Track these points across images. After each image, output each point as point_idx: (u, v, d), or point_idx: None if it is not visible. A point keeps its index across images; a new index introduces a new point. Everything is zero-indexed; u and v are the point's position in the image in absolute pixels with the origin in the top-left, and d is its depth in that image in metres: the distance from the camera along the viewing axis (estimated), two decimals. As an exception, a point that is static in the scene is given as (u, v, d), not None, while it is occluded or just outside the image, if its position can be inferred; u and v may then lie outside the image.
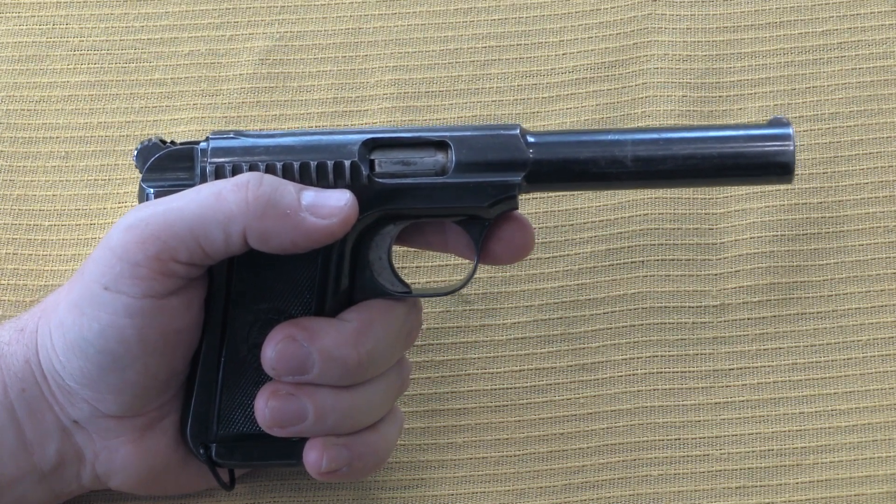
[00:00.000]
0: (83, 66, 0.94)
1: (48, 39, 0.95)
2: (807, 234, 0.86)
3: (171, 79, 0.93)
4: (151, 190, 0.73)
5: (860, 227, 0.86)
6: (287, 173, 0.71)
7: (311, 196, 0.70)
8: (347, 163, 0.71)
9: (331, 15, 0.95)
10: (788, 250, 0.85)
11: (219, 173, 0.71)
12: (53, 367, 0.72)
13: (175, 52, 0.94)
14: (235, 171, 0.71)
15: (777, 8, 0.93)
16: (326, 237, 0.70)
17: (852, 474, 0.79)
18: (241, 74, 0.93)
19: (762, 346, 0.82)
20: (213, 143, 0.72)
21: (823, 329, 0.83)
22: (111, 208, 0.89)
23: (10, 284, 0.86)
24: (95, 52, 0.95)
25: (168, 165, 0.73)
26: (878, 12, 0.92)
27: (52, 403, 0.73)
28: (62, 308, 0.71)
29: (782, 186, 0.87)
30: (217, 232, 0.69)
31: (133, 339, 0.70)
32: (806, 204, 0.87)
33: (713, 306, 0.84)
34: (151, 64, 0.94)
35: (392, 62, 0.93)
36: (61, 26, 0.96)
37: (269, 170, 0.71)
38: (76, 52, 0.95)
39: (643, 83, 0.91)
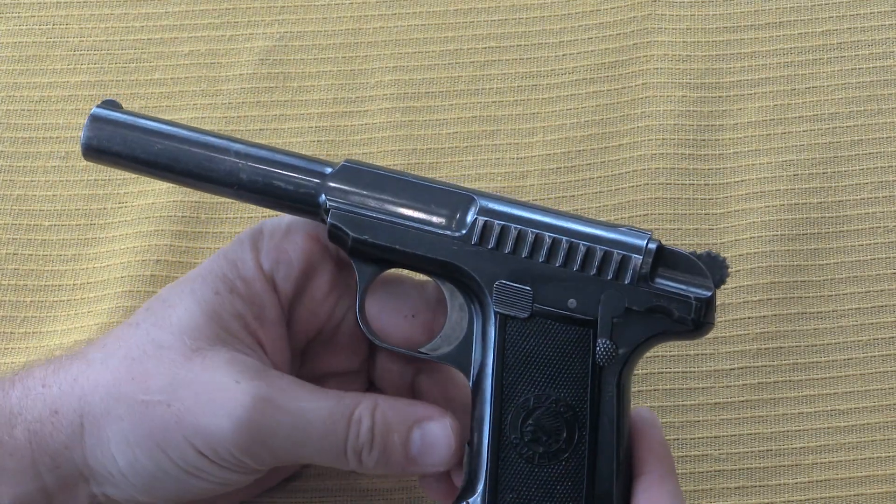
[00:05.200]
0: (83, 66, 0.94)
1: (48, 39, 0.95)
2: (807, 234, 0.86)
3: (171, 79, 0.93)
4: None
5: (860, 227, 0.86)
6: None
7: (418, 447, 0.69)
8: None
9: (331, 15, 0.95)
10: (788, 250, 0.85)
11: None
12: (107, 470, 0.70)
13: (175, 52, 0.94)
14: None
15: (777, 8, 0.93)
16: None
17: (852, 474, 0.79)
18: (241, 74, 0.93)
19: (762, 346, 0.82)
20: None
21: (823, 329, 0.83)
22: (111, 208, 0.89)
23: (10, 284, 0.86)
24: (95, 52, 0.95)
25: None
26: (878, 12, 0.92)
27: (90, 480, 0.71)
28: (129, 430, 0.69)
29: (783, 186, 0.87)
30: (324, 462, 0.70)
31: (220, 489, 0.70)
32: (806, 204, 0.87)
33: (713, 306, 0.84)
34: (151, 64, 0.94)
35: (392, 62, 0.93)
36: (61, 26, 0.96)
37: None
38: (76, 52, 0.95)
39: (643, 83, 0.91)
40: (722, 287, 0.69)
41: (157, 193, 0.88)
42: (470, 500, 0.68)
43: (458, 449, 0.69)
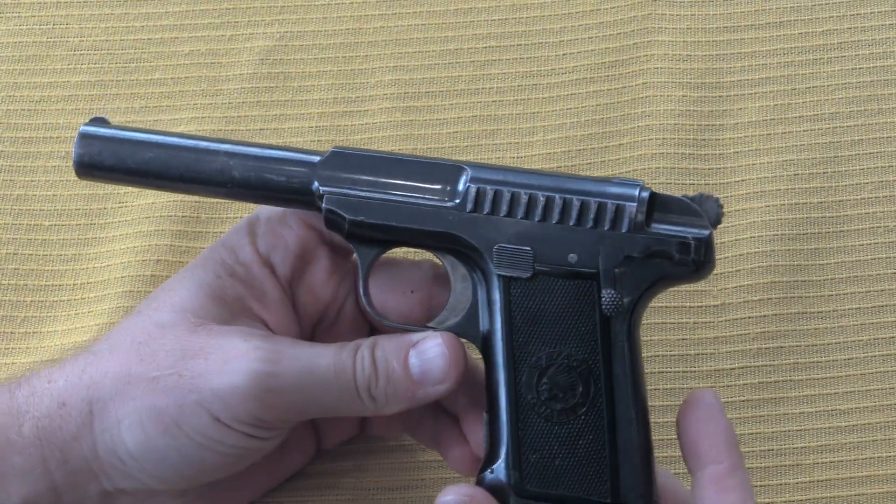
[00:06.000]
0: (83, 66, 0.94)
1: (48, 39, 0.95)
2: (807, 233, 0.86)
3: (171, 79, 0.93)
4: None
5: (860, 227, 0.86)
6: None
7: (417, 368, 0.69)
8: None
9: (331, 15, 0.95)
10: (789, 249, 0.85)
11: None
12: (117, 456, 0.70)
13: (175, 52, 0.94)
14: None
15: (777, 8, 0.93)
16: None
17: (852, 474, 0.79)
18: (241, 74, 0.93)
19: (763, 346, 0.82)
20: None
21: (824, 329, 0.83)
22: (111, 208, 0.89)
23: (10, 284, 0.86)
24: (95, 52, 0.95)
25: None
26: (878, 12, 0.92)
27: (100, 475, 0.71)
28: (141, 408, 0.69)
29: (783, 186, 0.87)
30: (339, 411, 0.71)
31: (233, 464, 0.70)
32: (806, 204, 0.87)
33: (714, 305, 0.84)
34: (151, 64, 0.94)
35: (392, 62, 0.93)
36: (61, 26, 0.96)
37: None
38: (76, 52, 0.95)
39: (643, 83, 0.91)
40: (718, 227, 0.69)
41: (157, 193, 0.88)
42: (494, 467, 0.68)
43: (456, 362, 0.69)
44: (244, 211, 0.88)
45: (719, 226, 0.69)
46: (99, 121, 0.73)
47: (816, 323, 0.83)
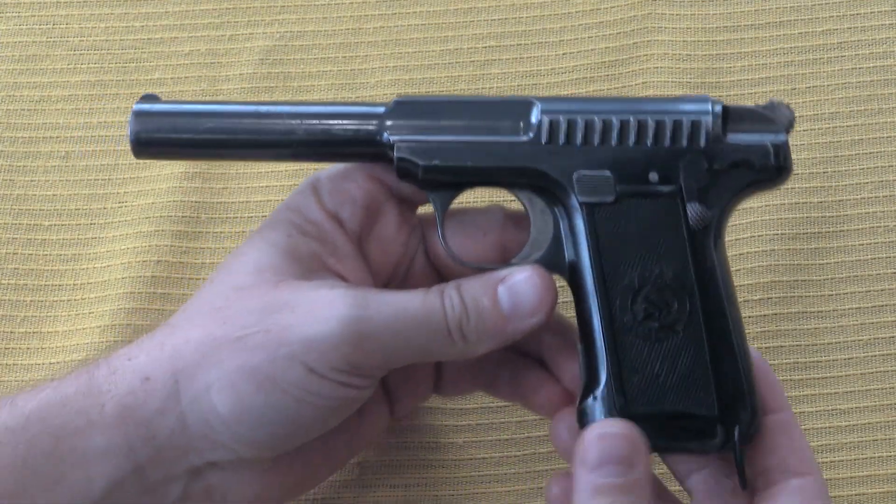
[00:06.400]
0: (83, 66, 0.94)
1: (48, 39, 0.95)
2: (807, 233, 0.86)
3: (171, 79, 0.93)
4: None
5: (860, 227, 0.86)
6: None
7: (508, 302, 0.69)
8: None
9: (331, 15, 0.95)
10: (789, 249, 0.85)
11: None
12: (208, 423, 0.68)
13: (175, 52, 0.94)
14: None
15: (777, 8, 0.93)
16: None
17: (852, 474, 0.79)
18: (241, 74, 0.93)
19: (763, 345, 0.82)
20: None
21: (824, 328, 0.83)
22: (111, 208, 0.89)
23: (10, 284, 0.86)
24: (95, 52, 0.95)
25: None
26: (878, 12, 0.93)
27: (188, 450, 0.69)
28: (231, 370, 0.67)
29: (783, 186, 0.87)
30: (431, 353, 0.70)
31: (328, 418, 0.69)
32: (806, 203, 0.87)
33: (714, 305, 0.84)
34: (151, 64, 0.94)
35: (392, 62, 0.93)
36: (61, 26, 0.96)
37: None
38: (76, 52, 0.95)
39: (643, 83, 0.91)
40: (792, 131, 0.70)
41: (157, 193, 0.88)
42: (596, 393, 0.68)
43: (547, 292, 0.69)
44: (245, 211, 0.88)
45: (792, 130, 0.70)
46: (150, 98, 0.72)
47: (816, 323, 0.83)
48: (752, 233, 0.86)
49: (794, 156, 0.87)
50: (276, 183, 0.88)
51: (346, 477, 0.79)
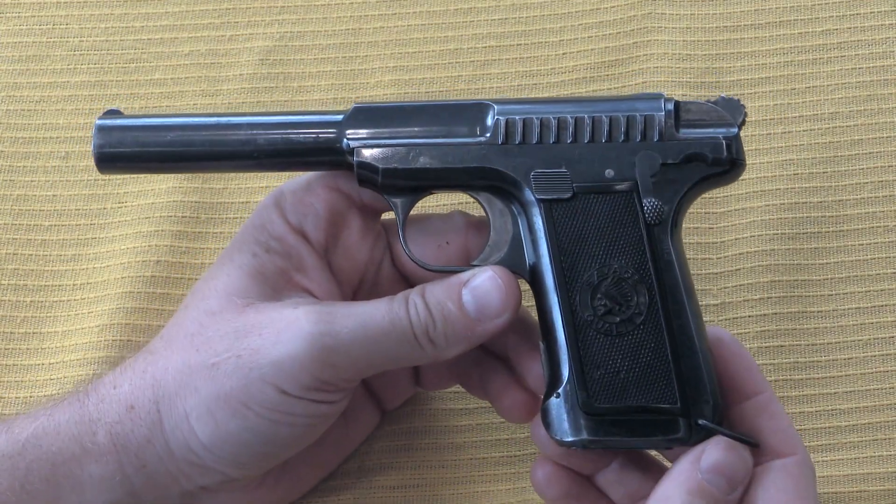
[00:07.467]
0: (83, 66, 0.94)
1: (48, 39, 0.95)
2: (807, 233, 0.86)
3: (171, 79, 0.93)
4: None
5: (860, 226, 0.86)
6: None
7: (473, 304, 0.70)
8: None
9: (331, 15, 0.95)
10: (789, 249, 0.85)
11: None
12: (190, 450, 0.70)
13: (175, 52, 0.94)
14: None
15: (777, 8, 0.93)
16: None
17: (853, 473, 0.79)
18: (241, 74, 0.93)
19: (763, 345, 0.82)
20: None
21: (824, 328, 0.83)
22: (111, 208, 0.89)
23: (10, 284, 0.86)
24: (95, 52, 0.95)
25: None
26: (878, 12, 0.92)
27: (178, 476, 0.71)
28: (207, 397, 0.69)
29: (783, 186, 0.87)
30: (400, 361, 0.71)
31: (305, 434, 0.70)
32: (806, 203, 0.87)
33: (714, 304, 0.84)
34: (151, 64, 0.94)
35: (392, 62, 0.93)
36: (61, 26, 0.96)
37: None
38: (76, 52, 0.95)
39: (643, 83, 0.91)
40: (743, 127, 0.71)
41: (157, 193, 0.88)
42: (560, 390, 0.69)
43: (511, 291, 0.70)
44: (245, 211, 0.88)
45: (744, 125, 0.71)
46: (113, 112, 0.73)
47: (816, 322, 0.83)
48: (752, 233, 0.86)
49: (794, 156, 0.88)
50: (275, 183, 0.88)
51: (345, 479, 0.79)
